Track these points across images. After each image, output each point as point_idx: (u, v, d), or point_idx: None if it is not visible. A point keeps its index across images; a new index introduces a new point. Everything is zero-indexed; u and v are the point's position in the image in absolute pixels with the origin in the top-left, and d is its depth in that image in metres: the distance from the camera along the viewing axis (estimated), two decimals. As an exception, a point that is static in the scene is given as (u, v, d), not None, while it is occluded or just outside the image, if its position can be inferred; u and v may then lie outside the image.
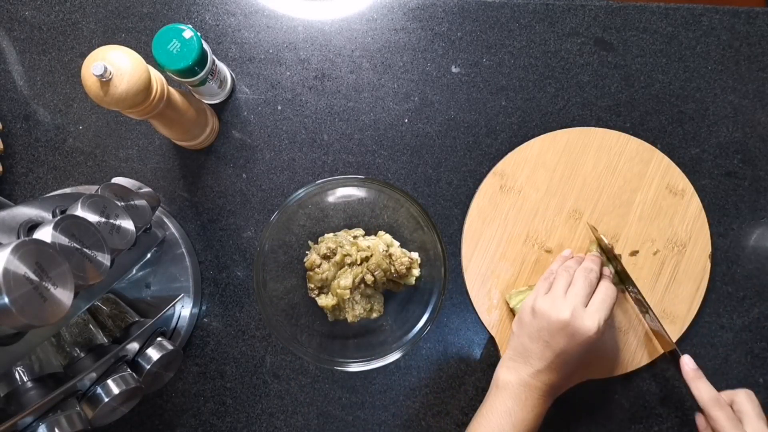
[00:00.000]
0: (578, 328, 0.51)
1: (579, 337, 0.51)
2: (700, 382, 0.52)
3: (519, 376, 0.53)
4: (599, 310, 0.52)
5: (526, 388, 0.53)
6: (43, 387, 0.45)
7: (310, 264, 0.59)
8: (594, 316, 0.51)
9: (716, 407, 0.50)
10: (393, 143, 0.65)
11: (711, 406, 0.50)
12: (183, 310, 0.61)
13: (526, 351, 0.54)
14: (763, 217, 0.63)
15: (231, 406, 0.63)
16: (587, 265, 0.56)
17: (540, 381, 0.52)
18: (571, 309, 0.52)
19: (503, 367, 0.55)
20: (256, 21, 0.65)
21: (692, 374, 0.53)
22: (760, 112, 0.64)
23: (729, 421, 0.49)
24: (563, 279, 0.55)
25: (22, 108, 0.65)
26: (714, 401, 0.51)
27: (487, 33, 0.65)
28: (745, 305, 0.63)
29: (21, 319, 0.30)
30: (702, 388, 0.52)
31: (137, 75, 0.45)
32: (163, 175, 0.65)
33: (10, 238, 0.37)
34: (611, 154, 0.63)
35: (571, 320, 0.51)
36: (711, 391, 0.51)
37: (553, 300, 0.53)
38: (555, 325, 0.52)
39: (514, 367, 0.54)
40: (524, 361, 0.54)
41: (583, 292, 0.53)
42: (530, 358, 0.53)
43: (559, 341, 0.51)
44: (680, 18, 0.65)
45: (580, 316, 0.51)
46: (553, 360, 0.52)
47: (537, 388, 0.52)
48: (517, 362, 0.54)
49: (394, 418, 0.62)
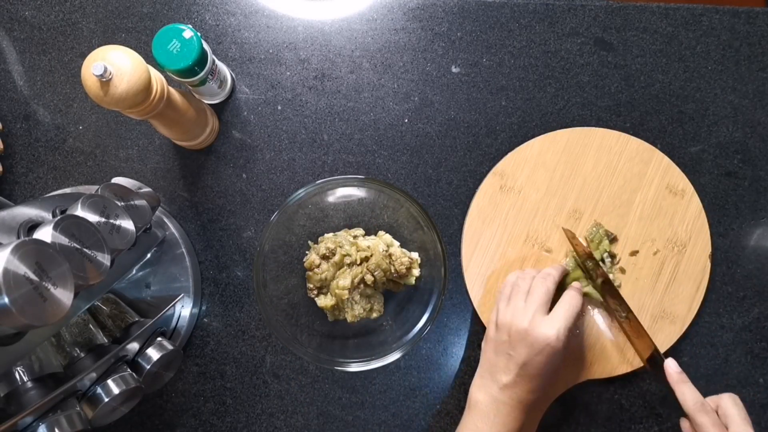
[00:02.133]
0: (537, 337, 0.50)
1: (539, 346, 0.49)
2: (684, 386, 0.51)
3: (488, 393, 0.52)
4: (560, 319, 0.51)
5: (495, 405, 0.51)
6: (43, 387, 0.45)
7: (309, 264, 0.59)
8: (554, 324, 0.50)
9: (701, 412, 0.49)
10: (393, 143, 0.65)
11: (696, 411, 0.50)
12: (183, 310, 0.61)
13: (492, 366, 0.52)
14: (763, 217, 0.63)
15: (231, 406, 0.63)
16: (546, 271, 0.55)
17: (508, 396, 0.51)
18: (530, 318, 0.51)
19: (474, 385, 0.54)
20: (256, 21, 0.65)
21: (677, 377, 0.52)
22: (760, 112, 0.64)
23: (714, 426, 0.48)
24: (522, 289, 0.54)
25: (22, 108, 0.65)
26: (699, 406, 0.50)
27: (487, 33, 0.65)
28: (745, 305, 0.63)
29: (21, 319, 0.30)
30: (686, 393, 0.51)
31: (137, 75, 0.45)
32: (163, 175, 0.65)
33: (10, 238, 0.37)
34: (611, 154, 0.62)
35: (530, 329, 0.50)
36: (696, 395, 0.50)
37: (514, 311, 0.53)
38: (515, 336, 0.51)
39: (483, 385, 0.53)
40: (491, 377, 0.52)
41: (542, 299, 0.52)
42: (496, 373, 0.52)
43: (521, 352, 0.50)
44: (680, 18, 0.65)
45: (538, 324, 0.50)
46: (518, 372, 0.50)
47: (505, 403, 0.51)
48: (485, 379, 0.53)
49: (394, 418, 0.62)
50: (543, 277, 0.55)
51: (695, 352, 0.62)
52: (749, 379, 0.62)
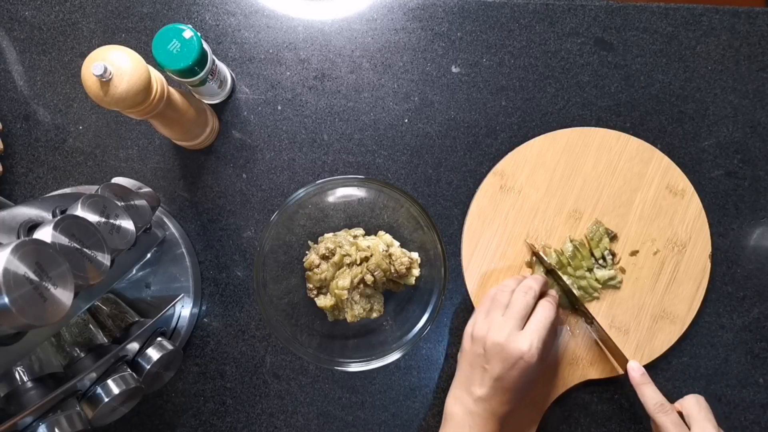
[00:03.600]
0: (512, 351, 0.49)
1: (513, 361, 0.49)
2: (646, 388, 0.52)
3: (463, 404, 0.52)
4: (534, 332, 0.50)
5: (470, 417, 0.51)
6: (43, 387, 0.45)
7: (309, 264, 0.59)
8: (528, 338, 0.50)
9: (661, 412, 0.50)
10: (393, 143, 0.65)
11: (656, 412, 0.50)
12: (183, 310, 0.61)
13: (467, 378, 0.52)
14: (763, 217, 0.63)
15: (231, 406, 0.63)
16: (527, 284, 0.55)
17: (482, 408, 0.51)
18: (506, 332, 0.50)
19: (449, 397, 0.54)
20: (256, 21, 0.65)
21: (639, 379, 0.52)
22: (760, 112, 0.64)
23: (674, 426, 0.49)
24: (500, 302, 0.54)
25: (22, 108, 0.65)
26: (659, 407, 0.50)
27: (487, 33, 0.65)
28: (745, 305, 0.63)
29: (21, 319, 0.30)
30: (647, 394, 0.51)
31: (137, 75, 0.45)
32: (163, 175, 0.65)
33: (10, 238, 0.37)
34: (611, 154, 0.62)
35: (505, 343, 0.50)
36: (657, 396, 0.51)
37: (490, 324, 0.52)
38: (491, 349, 0.51)
39: (458, 396, 0.53)
40: (466, 389, 0.52)
41: (519, 314, 0.52)
42: (472, 385, 0.52)
43: (495, 366, 0.50)
44: (680, 18, 0.65)
45: (514, 339, 0.50)
46: (493, 386, 0.50)
47: (480, 415, 0.51)
48: (461, 390, 0.53)
49: (394, 418, 0.62)
50: (524, 291, 0.54)
51: (695, 352, 0.62)
52: (749, 379, 0.62)
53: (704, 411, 0.50)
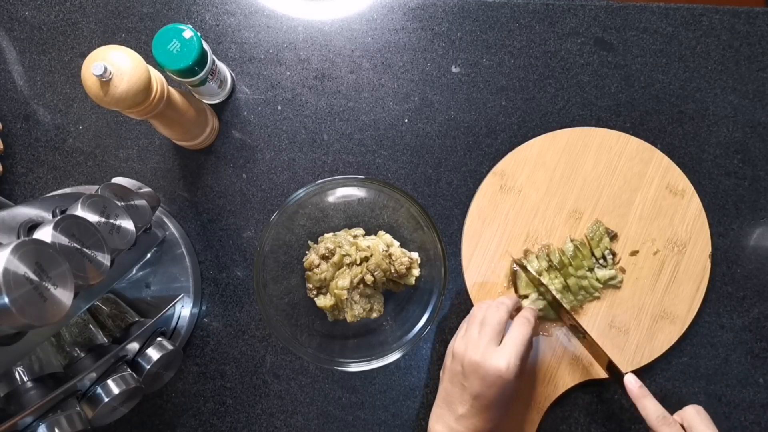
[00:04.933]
0: (488, 369, 0.49)
1: (490, 379, 0.49)
2: (646, 400, 0.51)
3: (445, 423, 0.51)
4: (510, 348, 0.50)
5: None
6: (43, 387, 0.45)
7: (308, 264, 0.59)
8: (504, 356, 0.49)
9: (663, 425, 0.49)
10: (393, 143, 0.65)
11: (658, 425, 0.49)
12: (183, 310, 0.61)
13: (448, 396, 0.52)
14: (763, 217, 0.63)
15: (231, 406, 0.63)
16: (499, 300, 0.55)
17: (464, 427, 0.50)
18: (482, 350, 0.50)
19: (432, 415, 0.53)
20: (256, 21, 0.65)
21: (638, 392, 0.51)
22: (760, 112, 0.64)
23: None
24: (477, 317, 0.54)
25: (22, 108, 0.65)
26: (661, 419, 0.49)
27: (487, 33, 0.65)
28: (745, 305, 0.63)
29: (21, 319, 0.30)
30: (648, 407, 0.50)
31: (137, 75, 0.45)
32: (163, 175, 0.65)
33: (10, 238, 0.37)
34: (611, 154, 0.62)
35: (481, 361, 0.49)
36: (658, 408, 0.50)
37: (467, 341, 0.52)
38: (468, 367, 0.50)
39: (440, 415, 0.52)
40: (448, 407, 0.52)
41: (494, 330, 0.51)
42: (453, 403, 0.51)
43: (474, 384, 0.49)
44: (680, 18, 0.65)
45: (489, 356, 0.49)
46: (473, 404, 0.50)
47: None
48: (442, 409, 0.52)
49: (394, 418, 0.62)
50: (496, 306, 0.54)
51: (695, 352, 0.62)
52: (749, 379, 0.62)
53: (705, 421, 0.49)
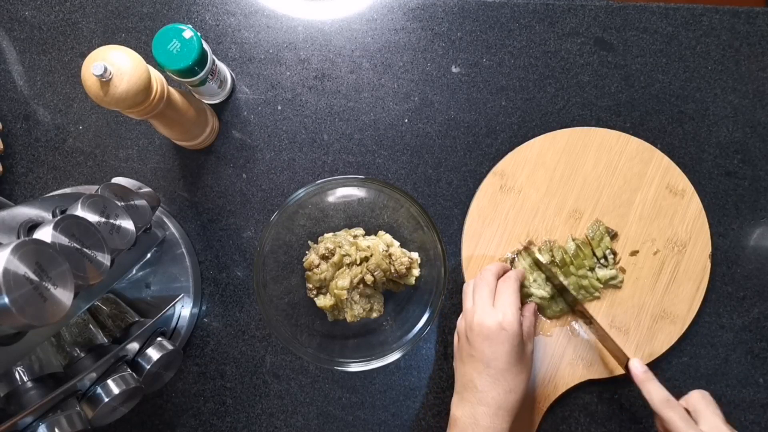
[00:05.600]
0: (489, 326, 0.50)
1: (493, 335, 0.49)
2: (650, 384, 0.51)
3: (465, 406, 0.51)
4: (503, 300, 0.51)
5: (473, 419, 0.49)
6: (43, 387, 0.45)
7: (308, 264, 0.59)
8: (499, 309, 0.51)
9: (667, 408, 0.49)
10: (393, 143, 0.65)
11: (662, 407, 0.49)
12: (183, 310, 0.61)
13: (464, 376, 0.52)
14: (763, 217, 0.63)
15: (231, 406, 0.63)
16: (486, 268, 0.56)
17: (486, 405, 0.49)
18: (479, 313, 0.51)
19: (452, 403, 0.53)
20: (256, 21, 0.65)
21: (642, 377, 0.52)
22: (760, 112, 0.64)
23: (682, 420, 0.48)
24: (468, 293, 0.55)
25: (22, 108, 0.65)
26: (665, 402, 0.49)
27: (487, 33, 0.65)
28: (745, 305, 0.63)
29: (21, 319, 0.30)
30: (652, 390, 0.50)
31: (137, 75, 0.45)
32: (163, 175, 0.65)
33: (10, 238, 0.37)
34: (611, 154, 0.62)
35: (481, 322, 0.50)
36: (662, 392, 0.50)
37: (464, 314, 0.54)
38: (472, 336, 0.51)
39: (459, 399, 0.52)
40: (466, 389, 0.51)
41: (484, 293, 0.53)
42: (470, 381, 0.51)
43: (482, 349, 0.50)
44: (680, 18, 0.65)
45: (486, 315, 0.51)
46: (488, 372, 0.50)
47: (485, 413, 0.49)
48: (461, 393, 0.52)
49: (394, 418, 0.62)
50: (481, 275, 0.55)
51: (695, 352, 0.62)
52: (749, 379, 0.62)
53: (711, 406, 0.49)
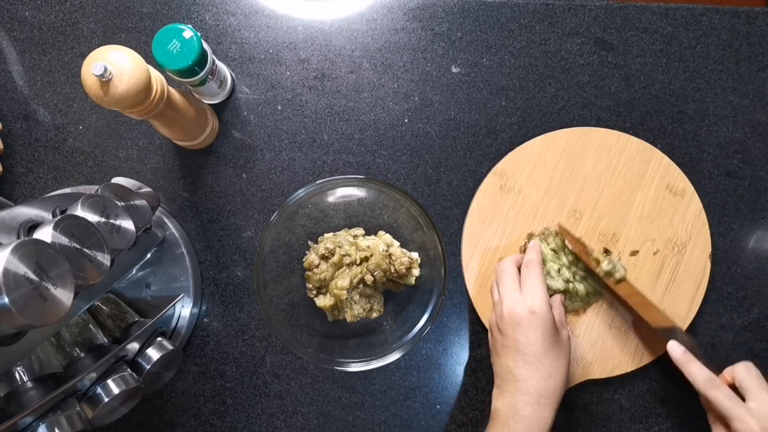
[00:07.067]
0: (520, 313, 0.50)
1: (525, 321, 0.50)
2: (691, 365, 0.50)
3: (504, 397, 0.50)
4: (529, 285, 0.52)
5: (513, 409, 0.49)
6: (43, 387, 0.45)
7: (308, 264, 0.59)
8: (527, 295, 0.51)
9: (711, 387, 0.48)
10: (393, 143, 0.65)
11: (706, 388, 0.48)
12: (183, 310, 0.61)
13: (501, 368, 0.52)
14: (763, 217, 0.63)
15: (231, 406, 0.63)
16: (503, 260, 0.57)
17: (527, 394, 0.49)
18: (506, 301, 0.52)
19: (493, 397, 0.53)
20: (256, 21, 0.65)
21: (682, 358, 0.51)
22: (760, 112, 0.64)
23: (728, 399, 0.47)
24: (494, 291, 0.56)
25: (22, 108, 0.65)
26: (708, 382, 0.48)
27: (487, 33, 0.65)
28: (745, 305, 0.63)
29: (21, 319, 0.30)
30: (694, 371, 0.50)
31: (137, 75, 0.45)
32: (163, 175, 0.65)
33: (10, 238, 0.37)
34: (611, 154, 0.62)
35: (510, 310, 0.51)
36: (704, 372, 0.49)
37: (495, 309, 0.54)
38: (504, 326, 0.51)
39: (499, 392, 0.52)
40: (504, 379, 0.51)
41: (507, 282, 0.53)
42: (507, 371, 0.51)
43: (515, 337, 0.50)
44: (680, 18, 0.65)
45: (514, 302, 0.51)
46: (522, 359, 0.49)
47: (526, 401, 0.48)
48: (500, 386, 0.52)
49: (394, 418, 0.62)
50: (502, 268, 0.55)
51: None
52: (749, 379, 0.62)
53: (757, 380, 0.48)
